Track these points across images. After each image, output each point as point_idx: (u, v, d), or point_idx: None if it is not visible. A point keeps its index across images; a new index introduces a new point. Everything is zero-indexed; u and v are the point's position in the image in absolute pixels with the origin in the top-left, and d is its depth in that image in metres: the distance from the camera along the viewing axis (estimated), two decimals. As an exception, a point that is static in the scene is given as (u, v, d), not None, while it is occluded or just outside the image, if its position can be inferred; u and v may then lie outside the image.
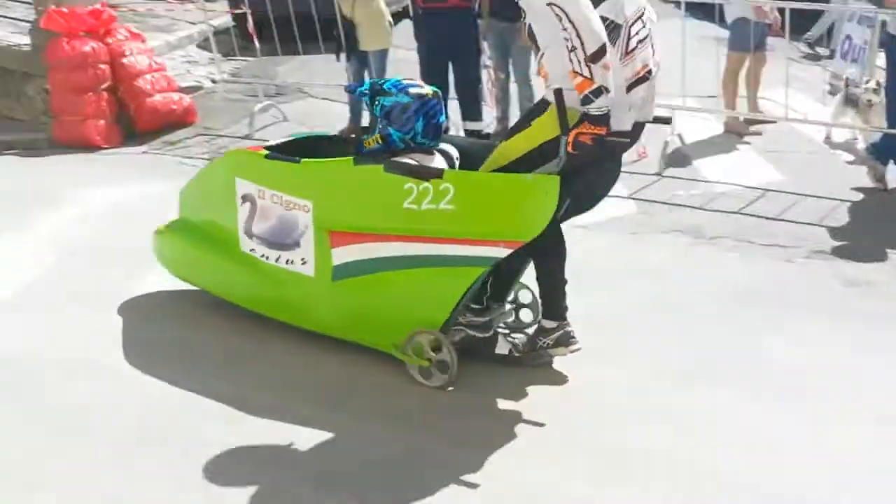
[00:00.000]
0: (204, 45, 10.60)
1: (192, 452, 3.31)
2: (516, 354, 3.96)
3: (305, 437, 3.38)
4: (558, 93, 3.33)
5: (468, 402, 3.65)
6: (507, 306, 4.17)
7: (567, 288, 3.82)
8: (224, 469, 3.22)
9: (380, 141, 3.78)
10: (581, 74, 3.23)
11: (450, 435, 3.43)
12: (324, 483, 3.12)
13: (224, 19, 10.35)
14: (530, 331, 4.05)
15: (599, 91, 3.24)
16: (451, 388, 3.72)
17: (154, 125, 8.22)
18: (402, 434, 3.43)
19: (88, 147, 7.82)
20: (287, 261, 4.05)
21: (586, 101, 3.27)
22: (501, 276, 3.88)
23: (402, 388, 3.74)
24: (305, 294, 4.05)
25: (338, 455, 3.30)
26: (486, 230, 3.51)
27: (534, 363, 3.88)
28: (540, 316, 3.90)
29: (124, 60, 8.25)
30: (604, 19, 3.31)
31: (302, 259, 4.00)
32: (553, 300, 3.81)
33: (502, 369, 3.90)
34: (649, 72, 3.54)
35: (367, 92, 3.87)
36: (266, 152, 4.18)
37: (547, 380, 3.81)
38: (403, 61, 8.08)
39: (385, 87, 3.84)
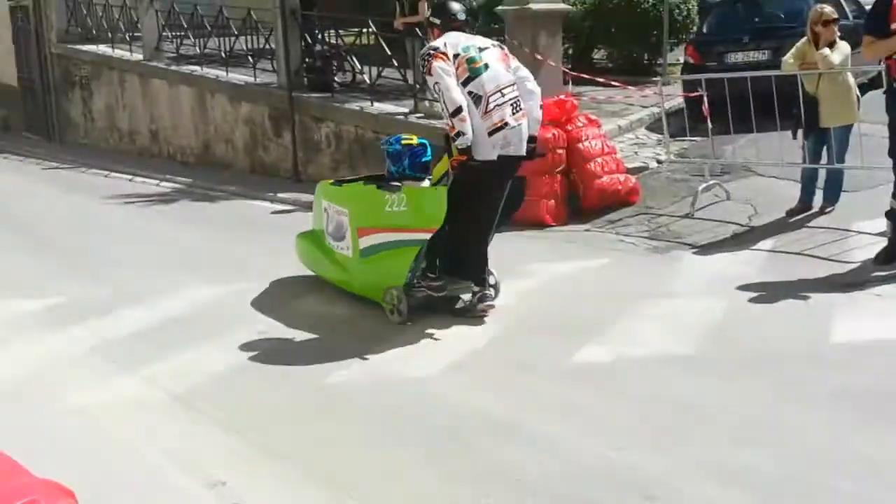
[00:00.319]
0: (653, 126, 10.80)
1: None
2: (460, 307, 5.92)
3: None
4: (446, 137, 5.41)
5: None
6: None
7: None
8: None
9: (386, 174, 5.89)
10: (448, 124, 5.27)
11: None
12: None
13: (676, 101, 10.42)
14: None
15: (459, 134, 5.20)
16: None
17: (599, 204, 8.49)
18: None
19: (538, 225, 8.30)
20: (341, 248, 6.22)
21: (454, 140, 5.23)
22: (469, 256, 5.68)
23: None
24: (349, 269, 6.19)
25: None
26: (417, 222, 5.55)
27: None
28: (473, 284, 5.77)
29: (580, 145, 8.68)
30: (471, 93, 5.31)
31: (348, 246, 6.13)
32: (476, 270, 5.73)
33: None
34: (506, 124, 5.36)
35: (384, 144, 5.98)
36: (332, 181, 6.69)
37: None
38: (867, 136, 7.40)
39: (390, 140, 5.97)
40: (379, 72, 11.38)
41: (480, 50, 5.48)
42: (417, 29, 11.01)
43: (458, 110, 5.17)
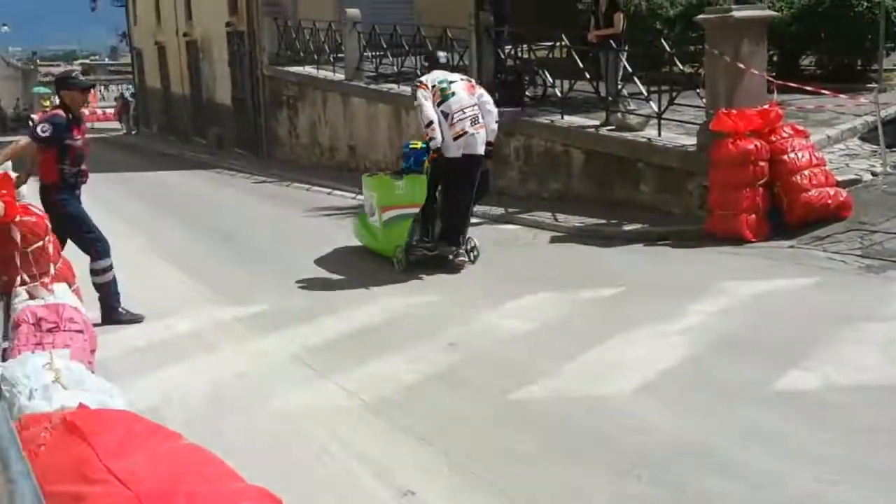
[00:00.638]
0: (867, 136, 10.05)
1: None
2: (447, 261, 7.97)
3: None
4: (426, 141, 7.65)
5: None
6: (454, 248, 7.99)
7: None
8: None
9: (401, 168, 8.50)
10: (424, 133, 7.51)
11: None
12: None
13: (893, 109, 9.68)
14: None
15: (431, 139, 7.45)
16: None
17: (805, 219, 8.01)
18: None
19: (737, 240, 7.93)
20: (374, 221, 8.43)
21: (428, 143, 7.56)
22: (449, 227, 7.87)
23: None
24: (377, 236, 8.41)
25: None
26: (411, 199, 7.97)
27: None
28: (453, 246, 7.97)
29: (785, 157, 8.25)
30: (443, 111, 7.49)
31: (377, 220, 8.33)
32: (455, 237, 7.85)
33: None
34: (465, 132, 7.53)
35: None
36: (368, 174, 9.38)
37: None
38: None
39: (405, 145, 8.72)
40: (571, 84, 11.29)
41: (450, 83, 7.77)
42: (612, 41, 10.85)
43: (430, 123, 7.45)
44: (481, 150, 7.67)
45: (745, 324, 5.85)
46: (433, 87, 7.64)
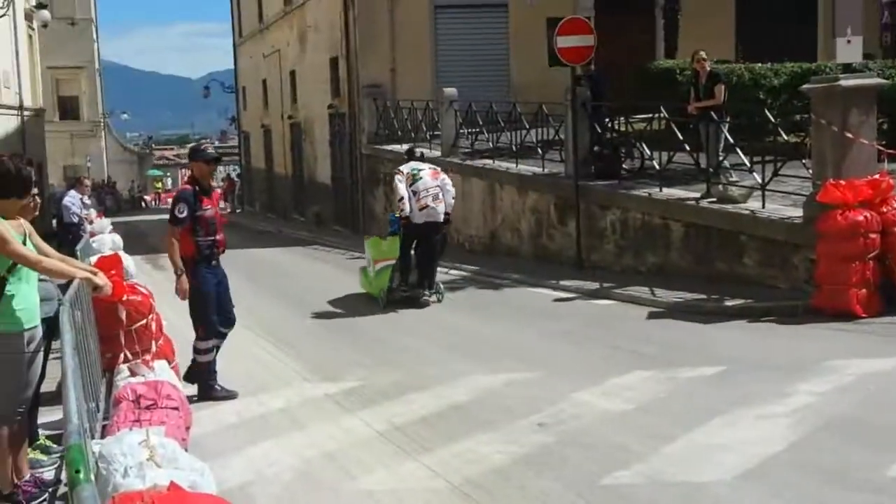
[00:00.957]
0: None
1: None
2: (420, 301, 10.48)
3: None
4: (401, 212, 10.49)
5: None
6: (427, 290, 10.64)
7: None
8: None
9: (389, 230, 11.46)
10: (399, 206, 10.50)
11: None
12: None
13: None
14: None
15: (401, 210, 10.38)
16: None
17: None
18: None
19: (846, 316, 7.56)
20: (370, 272, 10.98)
21: (400, 213, 10.54)
22: (420, 275, 10.54)
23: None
24: (372, 283, 10.87)
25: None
26: (392, 254, 10.70)
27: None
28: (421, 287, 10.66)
29: (896, 229, 7.92)
30: (413, 191, 10.35)
31: (372, 270, 10.90)
32: (423, 283, 10.51)
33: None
34: (428, 206, 10.33)
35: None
36: (367, 236, 13.16)
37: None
38: None
39: (391, 215, 11.79)
40: (669, 157, 11.14)
41: (420, 170, 10.49)
42: (713, 112, 10.70)
43: (401, 199, 10.22)
44: (440, 218, 10.43)
45: (855, 404, 5.52)
46: (407, 173, 10.44)
